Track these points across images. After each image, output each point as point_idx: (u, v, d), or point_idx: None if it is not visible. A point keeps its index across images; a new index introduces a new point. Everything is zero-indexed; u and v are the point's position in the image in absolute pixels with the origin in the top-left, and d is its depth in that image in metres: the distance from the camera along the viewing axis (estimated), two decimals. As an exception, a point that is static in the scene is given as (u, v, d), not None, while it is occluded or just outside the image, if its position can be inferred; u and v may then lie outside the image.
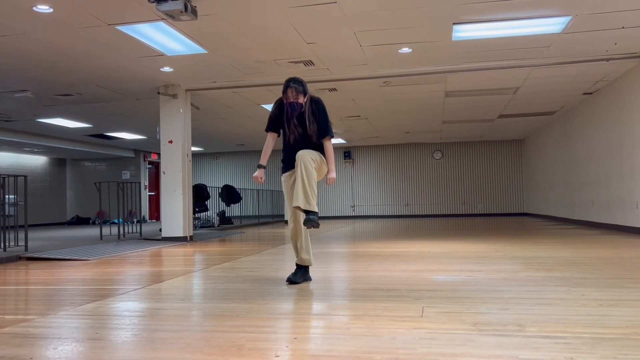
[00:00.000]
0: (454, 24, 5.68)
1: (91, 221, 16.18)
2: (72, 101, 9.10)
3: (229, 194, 13.58)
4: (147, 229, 11.49)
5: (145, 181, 16.85)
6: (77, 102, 9.16)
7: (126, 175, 16.67)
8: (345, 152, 17.13)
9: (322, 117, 3.74)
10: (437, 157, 16.74)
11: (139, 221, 10.09)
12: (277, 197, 17.96)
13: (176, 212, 8.31)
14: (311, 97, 3.80)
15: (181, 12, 4.58)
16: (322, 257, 5.35)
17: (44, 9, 4.96)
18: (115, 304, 3.13)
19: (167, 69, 7.30)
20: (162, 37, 5.95)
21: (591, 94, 9.41)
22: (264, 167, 3.83)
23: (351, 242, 7.45)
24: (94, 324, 2.61)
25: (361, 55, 6.77)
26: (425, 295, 3.17)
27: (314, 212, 3.48)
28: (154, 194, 17.26)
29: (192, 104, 9.05)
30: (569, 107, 10.72)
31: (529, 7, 5.26)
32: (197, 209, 11.84)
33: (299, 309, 2.87)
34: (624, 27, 5.87)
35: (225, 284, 3.82)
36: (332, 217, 17.19)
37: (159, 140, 8.47)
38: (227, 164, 18.47)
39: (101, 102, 9.29)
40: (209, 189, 12.75)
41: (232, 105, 9.88)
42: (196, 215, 12.14)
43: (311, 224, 3.44)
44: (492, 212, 16.39)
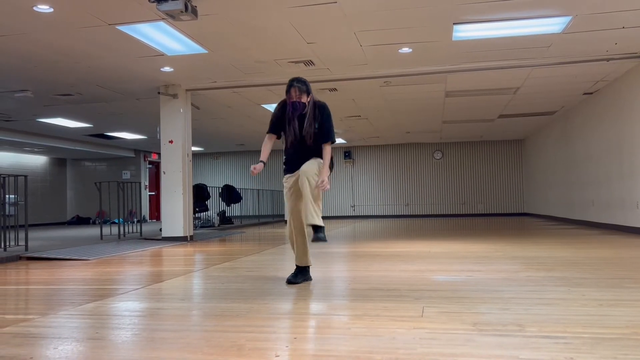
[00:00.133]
0: (454, 24, 5.68)
1: (91, 221, 16.19)
2: (73, 101, 9.10)
3: (229, 194, 13.59)
4: (147, 228, 11.50)
5: (145, 181, 16.86)
6: (78, 102, 9.16)
7: (126, 175, 16.67)
8: (345, 152, 17.13)
9: (326, 122, 3.73)
10: (438, 157, 16.74)
11: (139, 221, 10.09)
12: (277, 197, 17.96)
13: (176, 212, 8.31)
14: (316, 102, 3.78)
15: (181, 12, 4.58)
16: (322, 257, 5.35)
17: (44, 8, 4.96)
18: (115, 304, 3.13)
19: (167, 69, 7.30)
20: (163, 37, 5.96)
21: (591, 94, 9.41)
22: (264, 163, 3.81)
23: (351, 242, 7.45)
24: (94, 324, 2.61)
25: (361, 55, 6.77)
26: (425, 295, 3.17)
27: (321, 228, 3.54)
28: (154, 193, 17.25)
29: (192, 104, 9.05)
30: (569, 107, 10.72)
31: (529, 7, 5.26)
32: (197, 209, 11.84)
33: (299, 309, 2.87)
34: (624, 27, 5.87)
35: (225, 283, 3.82)
36: (333, 217, 17.19)
37: (159, 140, 8.47)
38: (227, 163, 18.47)
39: (101, 102, 9.29)
40: (209, 188, 12.75)
41: (232, 105, 9.88)
42: (196, 215, 12.14)
43: (319, 240, 3.51)
44: (492, 212, 16.39)
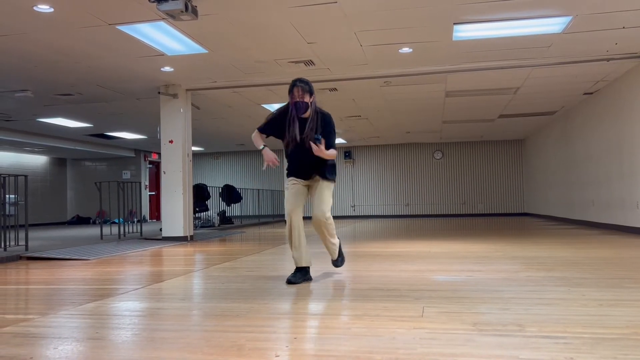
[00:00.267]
0: (454, 24, 5.68)
1: (91, 221, 16.19)
2: (73, 101, 9.10)
3: (230, 194, 13.58)
4: (147, 228, 11.50)
5: (145, 181, 16.86)
6: (78, 101, 9.16)
7: (126, 175, 16.67)
8: (345, 152, 17.13)
9: (330, 137, 3.71)
10: (438, 157, 16.74)
11: (139, 221, 10.09)
12: (277, 197, 17.96)
13: (176, 212, 8.31)
14: (320, 111, 3.79)
15: (181, 11, 4.58)
16: (322, 257, 5.35)
17: (44, 8, 4.96)
18: (115, 304, 3.13)
19: (167, 69, 7.30)
20: (163, 37, 5.96)
21: (591, 94, 9.41)
22: (266, 145, 3.81)
23: (351, 242, 7.46)
24: (94, 324, 2.61)
25: (361, 55, 6.77)
26: (425, 295, 3.17)
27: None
28: (154, 193, 17.26)
29: (192, 104, 9.05)
30: (569, 107, 10.72)
31: (529, 7, 5.26)
32: (197, 209, 11.84)
33: (299, 308, 2.87)
34: (624, 27, 5.87)
35: (225, 283, 3.82)
36: (333, 217, 17.15)
37: (160, 140, 8.47)
38: (228, 163, 18.47)
39: (102, 102, 9.29)
40: (209, 188, 12.75)
41: (233, 105, 9.88)
42: (196, 215, 12.14)
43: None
44: (493, 212, 16.39)
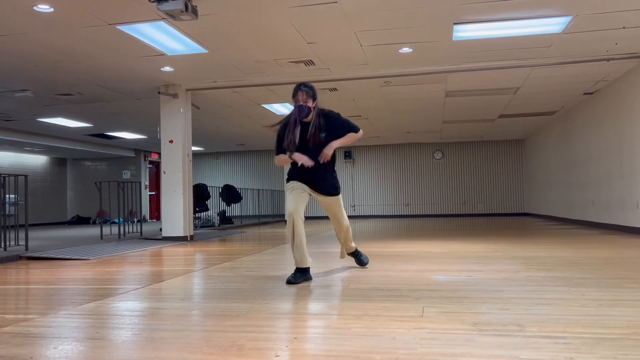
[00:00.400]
0: (454, 24, 5.68)
1: (91, 221, 16.19)
2: (73, 101, 9.10)
3: (230, 194, 13.59)
4: (147, 228, 11.50)
5: (145, 181, 16.86)
6: (78, 101, 9.16)
7: (127, 174, 16.67)
8: (345, 152, 17.13)
9: (344, 124, 3.93)
10: (438, 157, 16.74)
11: (139, 221, 10.09)
12: (277, 197, 17.96)
13: (176, 212, 8.31)
14: (321, 111, 3.89)
15: (182, 11, 4.58)
16: (322, 257, 5.35)
17: (44, 8, 4.96)
18: (115, 304, 3.13)
19: (167, 69, 7.30)
20: (163, 37, 5.96)
21: (591, 94, 9.41)
22: (291, 151, 3.82)
23: (351, 242, 7.44)
24: (94, 324, 2.61)
25: (361, 55, 6.77)
26: (425, 295, 3.17)
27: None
28: (154, 193, 17.26)
29: (192, 104, 9.05)
30: (569, 107, 10.72)
31: (530, 7, 5.26)
32: (197, 209, 11.85)
33: (299, 308, 2.87)
34: (624, 27, 5.87)
35: (225, 283, 3.82)
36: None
37: (160, 139, 8.47)
38: (228, 163, 18.47)
39: (102, 102, 9.29)
40: (209, 188, 12.75)
41: (233, 105, 9.88)
42: (196, 215, 12.14)
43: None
44: (493, 212, 16.39)
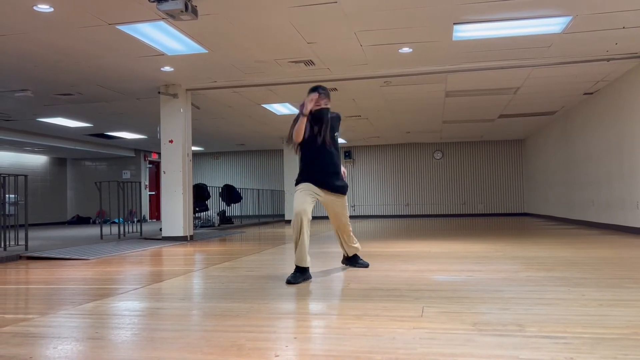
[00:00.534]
0: (454, 24, 5.68)
1: (91, 221, 16.19)
2: (73, 101, 9.10)
3: (229, 194, 13.58)
4: (147, 228, 11.50)
5: (145, 181, 16.85)
6: (78, 101, 9.16)
7: (126, 174, 16.67)
8: (345, 152, 17.14)
9: (338, 128, 4.22)
10: (438, 157, 16.74)
11: (139, 221, 10.09)
12: (277, 197, 17.96)
13: (176, 212, 8.31)
14: (334, 113, 4.19)
15: (181, 11, 4.58)
16: (322, 257, 5.35)
17: (44, 8, 4.96)
18: (115, 304, 3.13)
19: (167, 69, 7.30)
20: (163, 37, 5.96)
21: (591, 94, 9.41)
22: (303, 114, 3.90)
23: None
24: (94, 323, 2.61)
25: (361, 55, 6.77)
26: (425, 295, 3.17)
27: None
28: (154, 193, 17.26)
29: (192, 104, 9.05)
30: (569, 107, 10.72)
31: (530, 7, 5.26)
32: (197, 209, 11.85)
33: (299, 308, 2.87)
34: (624, 27, 5.87)
35: (225, 283, 3.82)
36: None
37: (160, 139, 8.47)
38: (228, 163, 18.47)
39: (102, 102, 9.29)
40: (209, 188, 12.75)
41: (233, 105, 9.88)
42: (196, 214, 12.14)
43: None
44: (493, 212, 16.39)
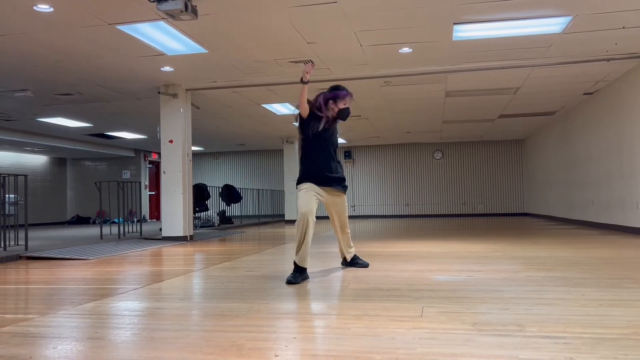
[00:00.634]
0: (454, 24, 5.68)
1: (91, 221, 16.18)
2: (73, 100, 9.10)
3: (229, 194, 13.58)
4: (147, 228, 11.50)
5: (145, 181, 16.85)
6: (78, 101, 9.16)
7: (126, 174, 16.66)
8: (345, 152, 17.13)
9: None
10: (438, 157, 16.74)
11: (139, 221, 10.09)
12: (277, 197, 17.96)
13: (176, 212, 8.31)
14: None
15: (181, 11, 4.58)
16: (322, 257, 5.35)
17: (44, 8, 4.96)
18: (115, 304, 3.13)
19: (167, 69, 7.30)
20: (163, 37, 5.95)
21: (591, 94, 9.40)
22: (304, 82, 3.94)
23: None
24: (94, 323, 2.61)
25: (361, 55, 6.77)
26: (425, 295, 3.17)
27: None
28: (154, 193, 17.25)
29: (192, 104, 9.05)
30: (569, 107, 10.72)
31: (530, 7, 5.26)
32: (197, 209, 11.84)
33: (298, 308, 2.87)
34: (624, 27, 5.87)
35: (225, 283, 3.82)
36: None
37: (160, 139, 8.47)
38: (228, 163, 18.47)
39: (102, 102, 9.29)
40: (209, 188, 12.75)
41: (233, 105, 9.88)
42: (196, 214, 12.14)
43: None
44: (493, 212, 16.39)
